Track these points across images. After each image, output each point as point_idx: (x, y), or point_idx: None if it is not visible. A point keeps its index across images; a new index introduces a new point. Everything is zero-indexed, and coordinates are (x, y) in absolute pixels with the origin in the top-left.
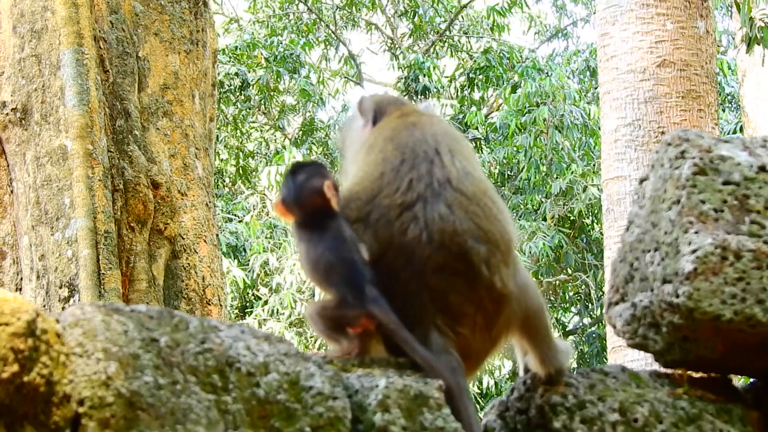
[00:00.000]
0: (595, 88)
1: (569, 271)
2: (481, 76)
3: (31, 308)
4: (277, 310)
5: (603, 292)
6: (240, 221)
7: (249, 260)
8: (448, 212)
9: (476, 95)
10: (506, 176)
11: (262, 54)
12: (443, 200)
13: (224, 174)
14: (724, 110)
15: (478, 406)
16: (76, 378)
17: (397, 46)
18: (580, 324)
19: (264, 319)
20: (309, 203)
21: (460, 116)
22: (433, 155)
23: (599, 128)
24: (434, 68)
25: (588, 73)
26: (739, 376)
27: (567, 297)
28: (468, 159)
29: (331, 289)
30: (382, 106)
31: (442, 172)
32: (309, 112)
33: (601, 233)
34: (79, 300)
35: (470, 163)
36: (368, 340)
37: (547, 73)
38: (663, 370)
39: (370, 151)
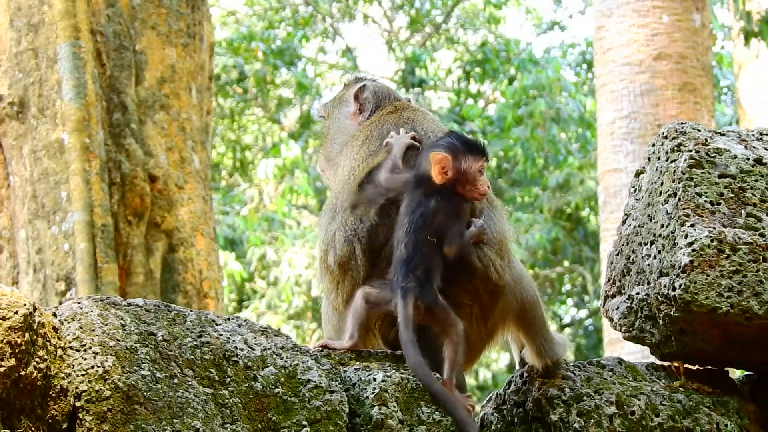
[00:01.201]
0: (592, 81)
1: (566, 264)
2: (477, 69)
3: (28, 302)
4: (275, 303)
5: (600, 285)
6: (237, 214)
7: (246, 253)
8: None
9: (473, 88)
10: (503, 169)
11: (259, 47)
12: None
13: (221, 167)
14: (720, 103)
15: (475, 398)
16: (73, 372)
17: (393, 38)
18: (577, 317)
19: (261, 313)
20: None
21: (457, 109)
22: None
23: (596, 121)
24: (431, 61)
25: (584, 65)
26: (736, 369)
27: (563, 290)
28: None
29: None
30: (379, 99)
31: None
32: (306, 104)
33: (598, 225)
34: (76, 294)
35: None
36: (365, 335)
37: (543, 65)
38: (660, 362)
39: (365, 145)
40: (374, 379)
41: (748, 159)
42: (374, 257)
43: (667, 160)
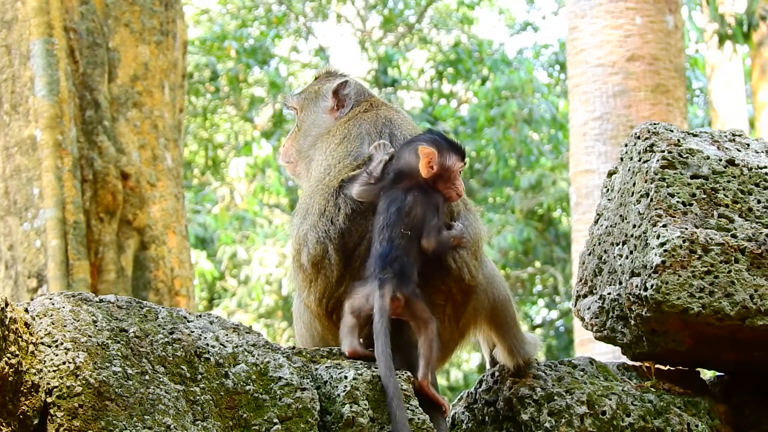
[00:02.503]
0: (564, 82)
1: (537, 265)
2: (450, 69)
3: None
4: (246, 302)
5: (571, 286)
6: (208, 213)
7: (217, 252)
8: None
9: (445, 88)
10: (475, 169)
11: (231, 45)
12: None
13: (193, 165)
14: (692, 105)
15: (446, 398)
16: (44, 367)
17: (366, 38)
18: (548, 317)
19: (232, 311)
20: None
21: (429, 109)
22: None
23: (568, 122)
24: (404, 61)
25: (557, 66)
26: (707, 370)
27: (535, 290)
28: None
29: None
30: (359, 96)
31: None
32: (278, 104)
33: (570, 226)
34: (47, 290)
35: None
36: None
37: (516, 66)
38: (631, 362)
39: (342, 144)
40: (345, 377)
41: (720, 160)
42: (348, 257)
43: (639, 161)
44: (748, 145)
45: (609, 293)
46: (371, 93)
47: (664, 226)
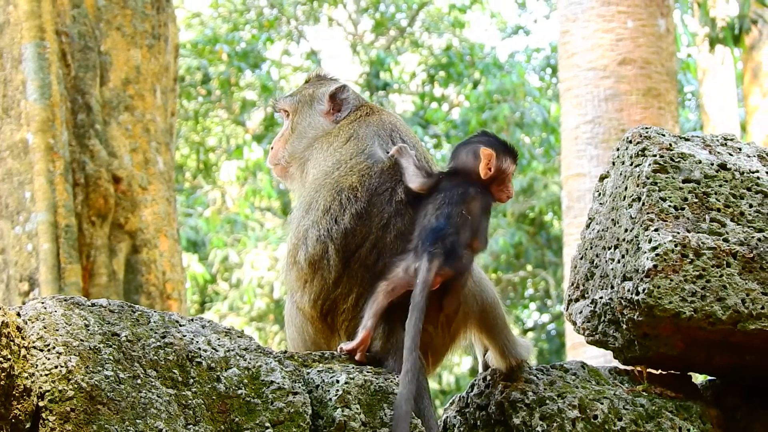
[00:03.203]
0: (556, 85)
1: (529, 268)
2: (442, 73)
3: None
4: (237, 305)
5: (563, 289)
6: (200, 216)
7: (209, 255)
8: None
9: (437, 92)
10: None
11: (223, 49)
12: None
13: (185, 169)
14: (684, 108)
15: (437, 402)
16: (36, 371)
17: (358, 41)
18: (540, 321)
19: (224, 314)
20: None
21: (421, 112)
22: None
23: (560, 125)
24: (395, 64)
25: (549, 70)
26: (699, 374)
27: (526, 294)
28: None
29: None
30: (358, 100)
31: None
32: (269, 107)
33: (561, 230)
34: (39, 294)
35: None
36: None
37: (507, 70)
38: (623, 366)
39: (350, 142)
40: (337, 381)
41: (712, 164)
42: (347, 258)
43: (631, 165)
44: (740, 149)
45: (601, 297)
46: (365, 98)
47: (656, 230)
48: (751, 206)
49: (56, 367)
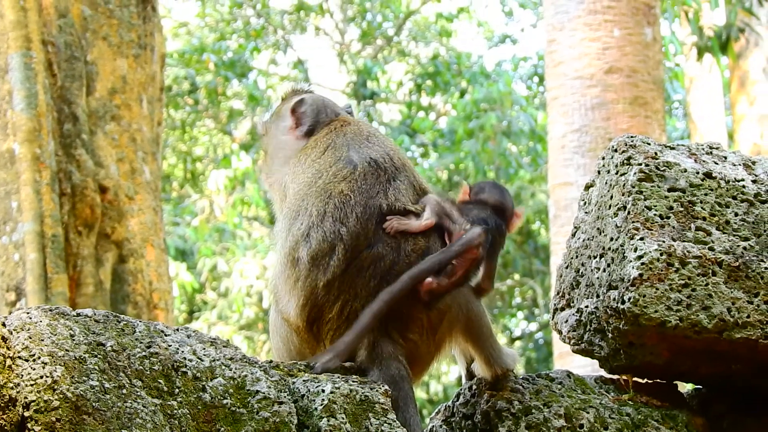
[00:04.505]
0: (543, 94)
1: (516, 277)
2: (428, 82)
3: None
4: (226, 314)
5: (550, 298)
6: (188, 225)
7: (197, 264)
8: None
9: (424, 100)
10: (454, 182)
11: (210, 58)
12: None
13: (172, 178)
14: (671, 117)
15: (425, 411)
16: (22, 382)
17: (345, 51)
18: (527, 330)
19: (213, 323)
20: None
21: (408, 121)
22: (404, 168)
23: (547, 134)
24: (382, 73)
25: (536, 78)
26: (685, 383)
27: (514, 303)
28: (415, 171)
29: None
30: (318, 112)
31: (416, 185)
32: (257, 116)
33: (549, 239)
34: (25, 304)
35: (418, 174)
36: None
37: (494, 79)
38: (608, 375)
39: (328, 152)
40: (323, 391)
41: (697, 173)
42: (350, 261)
43: (616, 174)
44: (726, 157)
45: (586, 306)
46: (336, 107)
47: (642, 239)
48: (736, 215)
49: (41, 377)
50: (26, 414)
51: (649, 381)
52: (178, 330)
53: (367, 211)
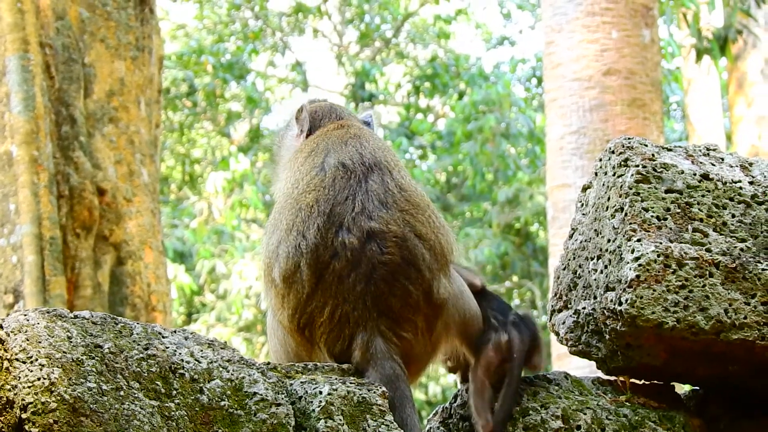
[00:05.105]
0: (541, 96)
1: (515, 279)
2: (427, 84)
3: None
4: (225, 316)
5: (548, 300)
6: (186, 227)
7: (195, 266)
8: (399, 221)
9: (422, 102)
10: (452, 184)
11: (208, 60)
12: (393, 209)
13: (170, 180)
14: (669, 119)
15: (423, 413)
16: (19, 384)
17: (343, 52)
18: None
19: (211, 325)
20: None
21: (407, 123)
22: (377, 167)
23: (545, 136)
24: (381, 75)
25: (534, 80)
26: (682, 384)
27: (512, 304)
28: (408, 174)
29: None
30: (317, 117)
31: (392, 183)
32: (255, 118)
33: (547, 241)
34: (23, 306)
35: (409, 176)
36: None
37: (493, 80)
38: (606, 377)
39: (310, 157)
40: (320, 392)
41: (695, 174)
42: (321, 271)
43: (614, 175)
44: (723, 159)
45: (584, 308)
46: (340, 111)
47: (639, 240)
48: (733, 216)
49: (39, 379)
50: (23, 416)
51: (647, 382)
52: (175, 332)
53: (329, 221)
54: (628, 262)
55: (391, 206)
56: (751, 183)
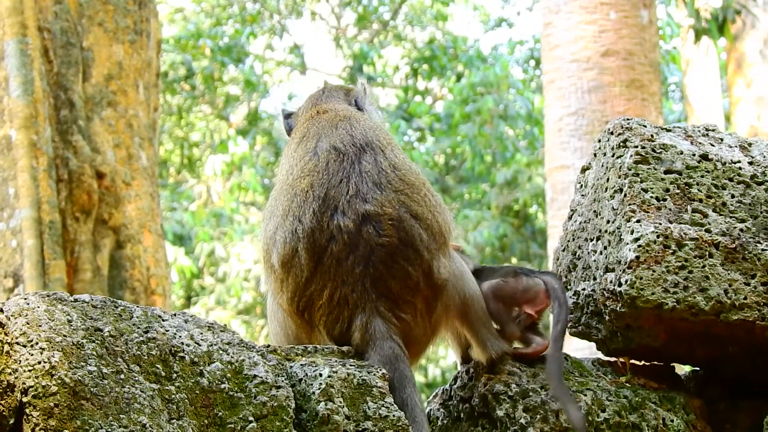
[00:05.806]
0: (539, 78)
1: (513, 261)
2: (425, 66)
3: None
4: (224, 298)
5: None
6: (185, 210)
7: (194, 249)
8: (394, 202)
9: (420, 85)
10: (451, 166)
11: (206, 44)
12: (387, 190)
13: (169, 164)
14: (668, 99)
15: (423, 396)
16: (19, 367)
17: (341, 35)
18: None
19: (211, 308)
20: None
21: (405, 105)
22: (370, 147)
23: (543, 117)
24: (379, 57)
25: (532, 62)
26: (682, 365)
27: None
28: (402, 153)
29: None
30: (300, 110)
31: (385, 163)
32: (254, 101)
33: (546, 222)
34: (23, 290)
35: (405, 156)
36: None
37: (491, 62)
38: (606, 358)
39: (302, 143)
40: (320, 375)
41: (694, 155)
42: (319, 255)
43: (613, 156)
44: (722, 139)
45: (583, 289)
46: (320, 100)
47: (638, 221)
48: (733, 197)
49: (39, 362)
50: (24, 399)
51: (647, 363)
52: (175, 315)
53: (325, 204)
54: (627, 243)
55: (386, 187)
56: (750, 163)
